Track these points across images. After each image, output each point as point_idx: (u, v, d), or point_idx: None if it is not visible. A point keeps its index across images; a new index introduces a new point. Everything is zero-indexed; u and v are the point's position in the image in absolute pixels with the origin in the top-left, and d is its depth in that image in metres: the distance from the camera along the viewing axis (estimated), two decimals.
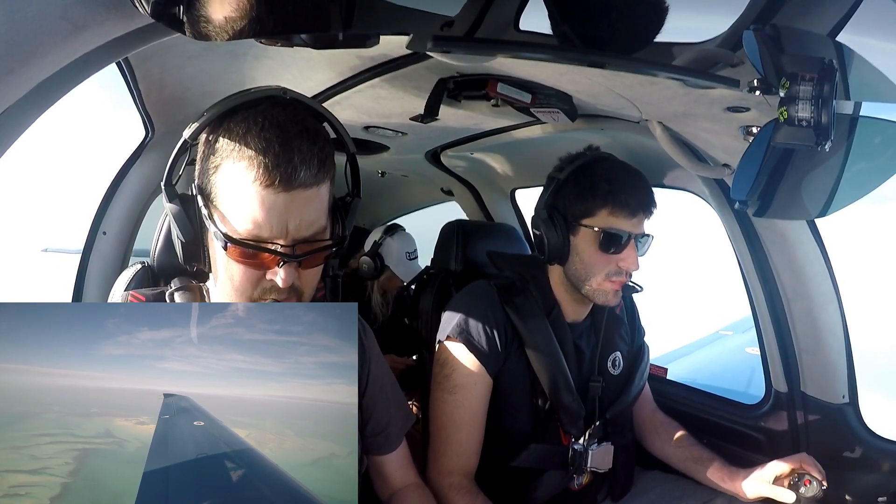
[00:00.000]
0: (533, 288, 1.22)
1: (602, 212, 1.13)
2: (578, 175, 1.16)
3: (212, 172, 0.72)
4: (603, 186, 1.12)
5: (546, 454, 1.20)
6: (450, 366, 1.17)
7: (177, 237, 0.75)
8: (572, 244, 1.16)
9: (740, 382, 2.08)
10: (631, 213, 1.12)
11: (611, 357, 1.29)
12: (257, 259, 0.72)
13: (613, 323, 1.31)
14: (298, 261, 0.72)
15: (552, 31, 0.73)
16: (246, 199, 0.69)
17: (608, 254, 1.13)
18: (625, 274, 1.15)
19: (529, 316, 1.18)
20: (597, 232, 1.12)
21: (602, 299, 1.17)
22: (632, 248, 1.14)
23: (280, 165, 0.67)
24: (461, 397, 1.15)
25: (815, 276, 1.24)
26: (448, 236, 1.67)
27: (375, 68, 1.13)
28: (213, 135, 0.72)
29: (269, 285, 0.73)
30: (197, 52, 1.10)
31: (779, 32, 0.69)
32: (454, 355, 1.17)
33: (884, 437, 1.27)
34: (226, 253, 0.72)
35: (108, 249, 1.62)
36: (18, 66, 0.53)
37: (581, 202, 1.14)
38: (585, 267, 1.15)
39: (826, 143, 0.70)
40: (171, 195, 0.74)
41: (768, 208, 0.88)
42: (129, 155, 1.58)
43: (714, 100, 0.93)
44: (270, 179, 0.67)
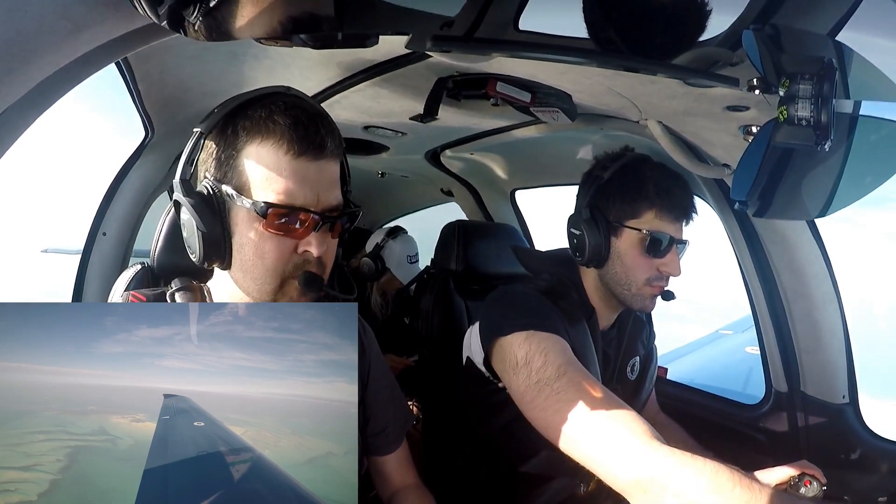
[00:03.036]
0: (573, 292, 1.16)
1: (648, 214, 1.09)
2: (624, 175, 1.11)
3: (234, 159, 0.74)
4: (651, 188, 1.08)
5: (556, 461, 1.16)
6: (539, 355, 0.96)
7: (196, 229, 0.75)
8: (614, 246, 1.11)
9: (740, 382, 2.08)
10: (676, 217, 1.10)
11: (630, 362, 1.26)
12: (293, 227, 0.74)
13: (637, 328, 1.28)
14: (332, 223, 0.76)
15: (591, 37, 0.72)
16: (279, 171, 0.73)
17: (651, 257, 1.09)
18: (665, 279, 1.11)
19: (574, 321, 1.10)
20: (643, 234, 1.08)
21: (639, 304, 1.13)
22: (674, 252, 1.10)
23: (309, 136, 0.73)
24: (573, 372, 0.94)
25: (815, 276, 1.25)
26: (449, 236, 1.67)
27: (375, 68, 1.13)
28: (230, 125, 0.75)
29: (300, 259, 0.76)
30: (197, 52, 1.10)
31: (778, 32, 0.69)
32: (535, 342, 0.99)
33: (884, 438, 1.27)
34: (261, 228, 0.73)
35: (107, 250, 1.61)
36: (18, 66, 0.53)
37: (628, 203, 1.09)
38: (627, 270, 1.11)
39: (826, 143, 0.70)
40: (187, 189, 0.75)
41: (768, 208, 0.88)
42: (129, 155, 1.58)
43: (714, 99, 0.93)
44: (302, 149, 0.73)
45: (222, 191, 0.74)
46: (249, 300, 0.79)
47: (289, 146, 0.72)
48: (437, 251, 1.71)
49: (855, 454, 1.26)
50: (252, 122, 0.73)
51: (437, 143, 1.87)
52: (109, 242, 1.61)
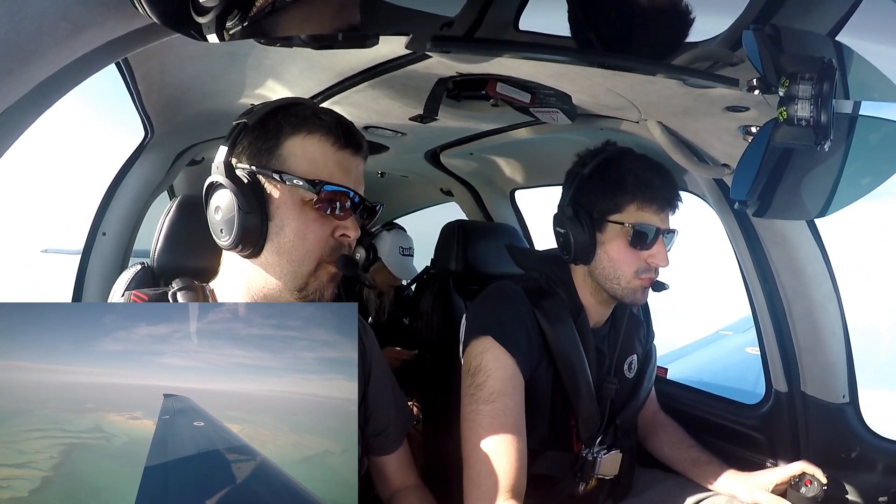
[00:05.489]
0: (561, 290, 1.16)
1: (630, 207, 1.09)
2: (604, 170, 1.12)
3: (276, 149, 0.80)
4: (631, 181, 1.09)
5: (557, 461, 1.16)
6: (484, 371, 1.04)
7: (236, 213, 0.77)
8: (599, 242, 1.12)
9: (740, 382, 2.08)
10: (660, 207, 1.10)
11: (627, 360, 1.26)
12: (338, 208, 0.81)
13: (633, 325, 1.28)
14: (370, 207, 0.85)
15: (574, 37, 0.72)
16: (325, 159, 0.80)
17: (637, 250, 1.10)
18: (654, 270, 1.12)
19: (558, 321, 1.12)
20: (626, 228, 1.09)
21: (631, 298, 1.13)
22: (661, 243, 1.10)
23: (351, 133, 0.83)
24: (501, 405, 1.01)
25: (815, 276, 1.24)
26: (449, 236, 1.67)
27: (375, 68, 1.13)
28: (272, 120, 0.81)
29: (336, 244, 0.82)
30: (197, 53, 1.10)
31: (778, 32, 0.69)
32: (488, 359, 1.05)
33: (884, 437, 1.27)
34: (307, 206, 0.79)
35: (107, 250, 1.62)
36: (18, 66, 0.53)
37: (609, 198, 1.10)
38: (614, 264, 1.11)
39: (825, 143, 0.70)
40: (229, 171, 0.79)
41: (768, 208, 0.88)
42: (129, 155, 1.59)
43: (714, 99, 0.93)
44: (347, 142, 0.82)
45: (264, 175, 0.79)
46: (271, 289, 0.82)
47: (336, 139, 0.81)
48: (437, 251, 1.71)
49: (855, 454, 1.26)
50: (297, 118, 0.80)
51: (436, 142, 1.87)
52: (109, 242, 1.61)
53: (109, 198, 1.60)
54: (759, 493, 1.14)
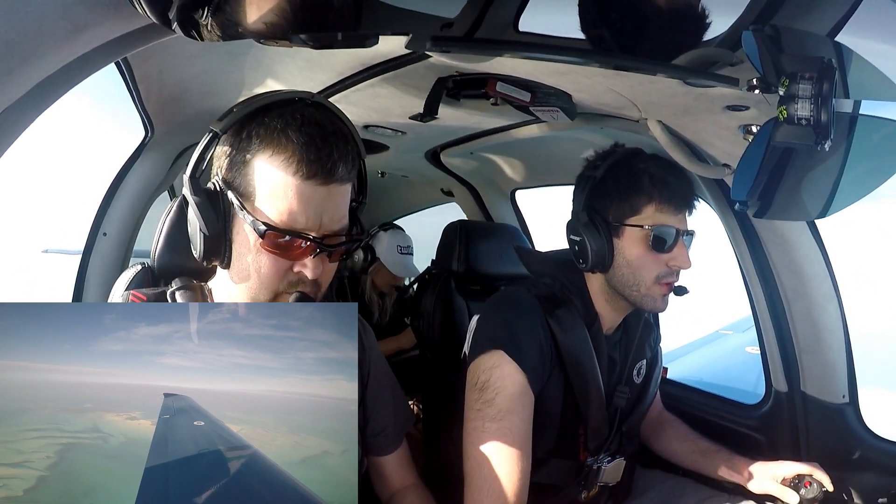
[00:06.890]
0: (576, 298, 1.11)
1: (648, 208, 1.05)
2: (617, 172, 1.07)
3: (244, 165, 0.73)
4: (647, 181, 1.04)
5: (562, 470, 1.14)
6: (493, 388, 1.00)
7: (199, 231, 0.74)
8: (617, 248, 1.06)
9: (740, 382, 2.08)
10: (677, 207, 1.05)
11: (637, 365, 1.23)
12: (289, 250, 0.73)
13: (646, 330, 1.24)
14: (330, 251, 0.75)
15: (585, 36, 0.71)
16: (284, 190, 0.71)
17: (658, 253, 1.04)
18: (675, 274, 1.07)
19: (572, 331, 1.07)
20: (646, 230, 1.04)
21: (651, 305, 1.08)
22: (682, 244, 1.05)
23: (321, 159, 0.71)
24: (508, 424, 0.98)
25: (815, 276, 1.24)
26: (450, 236, 1.67)
27: (375, 67, 1.13)
28: (245, 129, 0.73)
29: (295, 278, 0.75)
30: (197, 52, 1.10)
31: (778, 32, 0.69)
32: (498, 375, 1.01)
33: (884, 438, 1.27)
34: (258, 243, 0.72)
35: (108, 250, 1.62)
36: (18, 66, 0.53)
37: (625, 200, 1.05)
38: (634, 271, 1.06)
39: (826, 143, 0.70)
40: (195, 188, 0.74)
41: (768, 208, 0.88)
42: (129, 155, 1.59)
43: (714, 98, 0.93)
44: (311, 172, 0.71)
45: (229, 195, 0.73)
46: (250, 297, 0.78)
47: (297, 167, 0.70)
48: (439, 251, 1.71)
49: (855, 454, 1.26)
50: (266, 132, 0.71)
51: (437, 142, 1.87)
52: (109, 242, 1.61)
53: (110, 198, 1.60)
54: (770, 483, 1.13)
